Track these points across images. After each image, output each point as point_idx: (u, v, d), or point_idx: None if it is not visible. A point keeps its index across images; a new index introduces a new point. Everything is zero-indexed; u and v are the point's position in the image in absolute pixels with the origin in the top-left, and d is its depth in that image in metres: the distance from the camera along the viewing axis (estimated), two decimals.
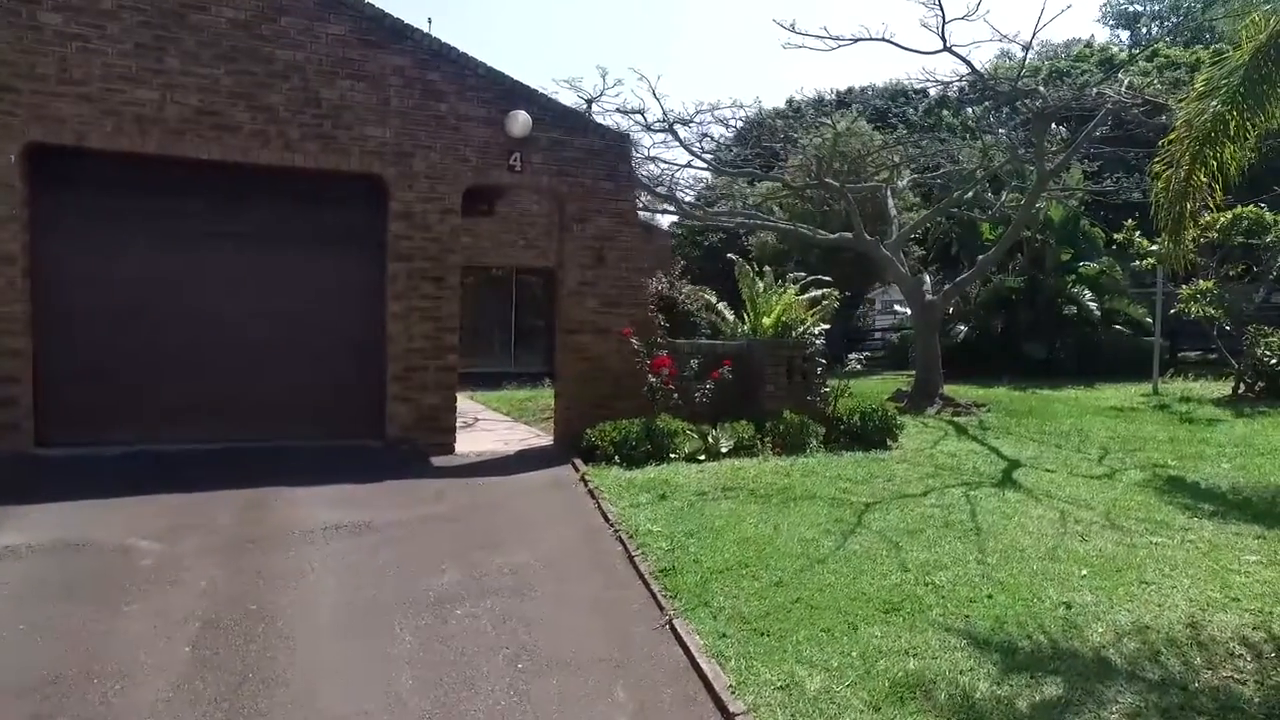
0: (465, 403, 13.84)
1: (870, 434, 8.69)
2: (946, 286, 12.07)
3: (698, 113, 11.00)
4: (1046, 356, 17.54)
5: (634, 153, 13.93)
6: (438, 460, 7.91)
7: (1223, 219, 13.62)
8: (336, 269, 8.16)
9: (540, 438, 9.35)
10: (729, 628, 4.04)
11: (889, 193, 13.44)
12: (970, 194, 13.43)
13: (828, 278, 9.96)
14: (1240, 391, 12.90)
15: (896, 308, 27.58)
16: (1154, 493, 6.95)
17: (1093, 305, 16.69)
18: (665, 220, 20.54)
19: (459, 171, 8.17)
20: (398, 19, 7.91)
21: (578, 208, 8.62)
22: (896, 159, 14.26)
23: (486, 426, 10.54)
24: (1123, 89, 9.95)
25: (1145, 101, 9.53)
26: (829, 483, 7.06)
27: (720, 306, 9.69)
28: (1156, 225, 9.52)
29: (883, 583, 4.68)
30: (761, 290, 9.39)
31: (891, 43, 8.80)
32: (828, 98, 28.68)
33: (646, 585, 4.67)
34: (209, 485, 6.47)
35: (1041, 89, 9.39)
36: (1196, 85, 8.87)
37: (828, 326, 9.68)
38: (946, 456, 8.37)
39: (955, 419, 11.10)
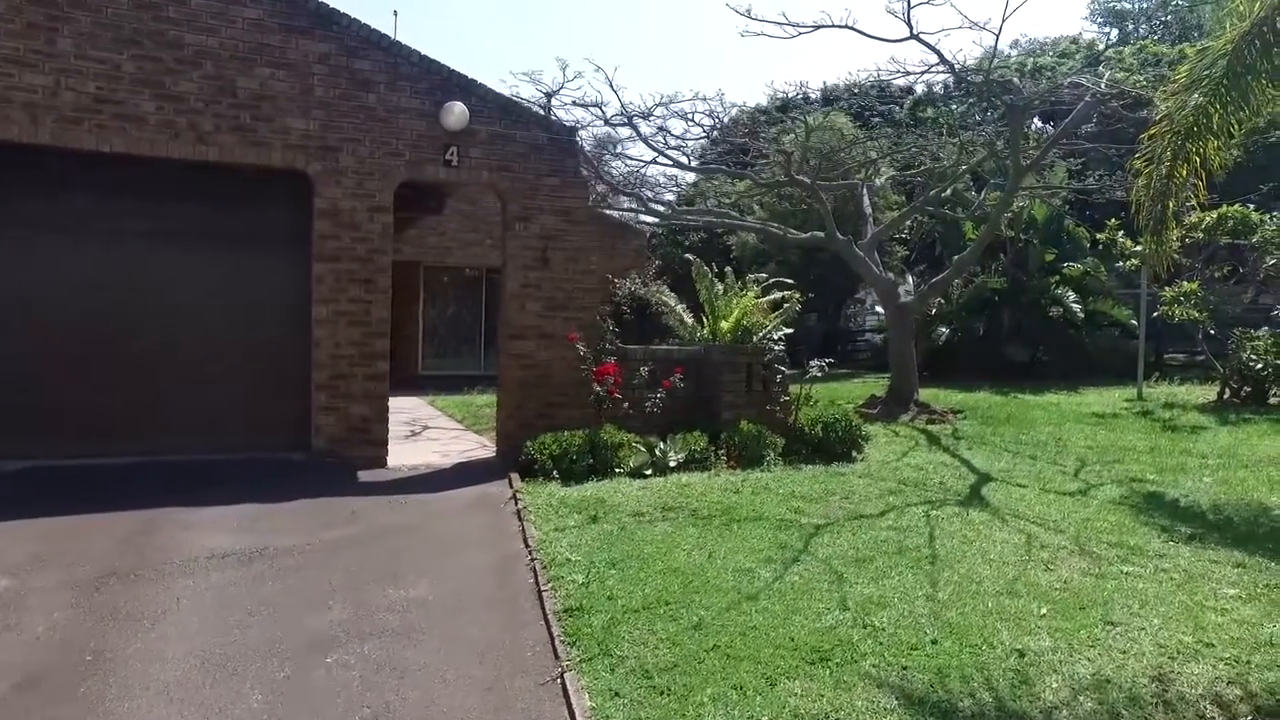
0: (423, 408, 13.31)
1: (833, 445, 8.18)
2: (922, 288, 11.55)
3: (656, 105, 10.39)
4: (1030, 359, 17.08)
5: (608, 149, 13.43)
6: (365, 475, 7.37)
7: (1208, 218, 13.18)
8: (260, 271, 7.62)
9: (486, 449, 8.82)
10: (626, 684, 3.51)
11: (865, 190, 12.94)
12: (949, 191, 12.93)
13: (789, 280, 9.44)
14: (1225, 397, 12.44)
15: (878, 309, 27.13)
16: (1130, 511, 6.45)
17: (1076, 307, 16.21)
18: (649, 219, 19.99)
19: (391, 167, 7.63)
20: (322, 3, 7.38)
21: (520, 205, 8.09)
22: (874, 155, 13.75)
23: (434, 435, 10.00)
24: (1103, 83, 9.48)
25: (1124, 94, 9.05)
26: (780, 501, 6.54)
27: (679, 309, 9.18)
28: (1137, 225, 9.06)
29: (816, 624, 4.16)
30: (721, 292, 8.87)
31: (855, 30, 8.32)
32: (813, 95, 28.20)
33: (548, 627, 4.14)
34: (102, 506, 5.93)
35: (1016, 80, 8.91)
36: (1178, 77, 8.39)
37: (790, 331, 9.16)
38: (913, 470, 7.86)
39: (929, 427, 10.60)
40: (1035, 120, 24.53)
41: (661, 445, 7.63)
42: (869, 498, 6.75)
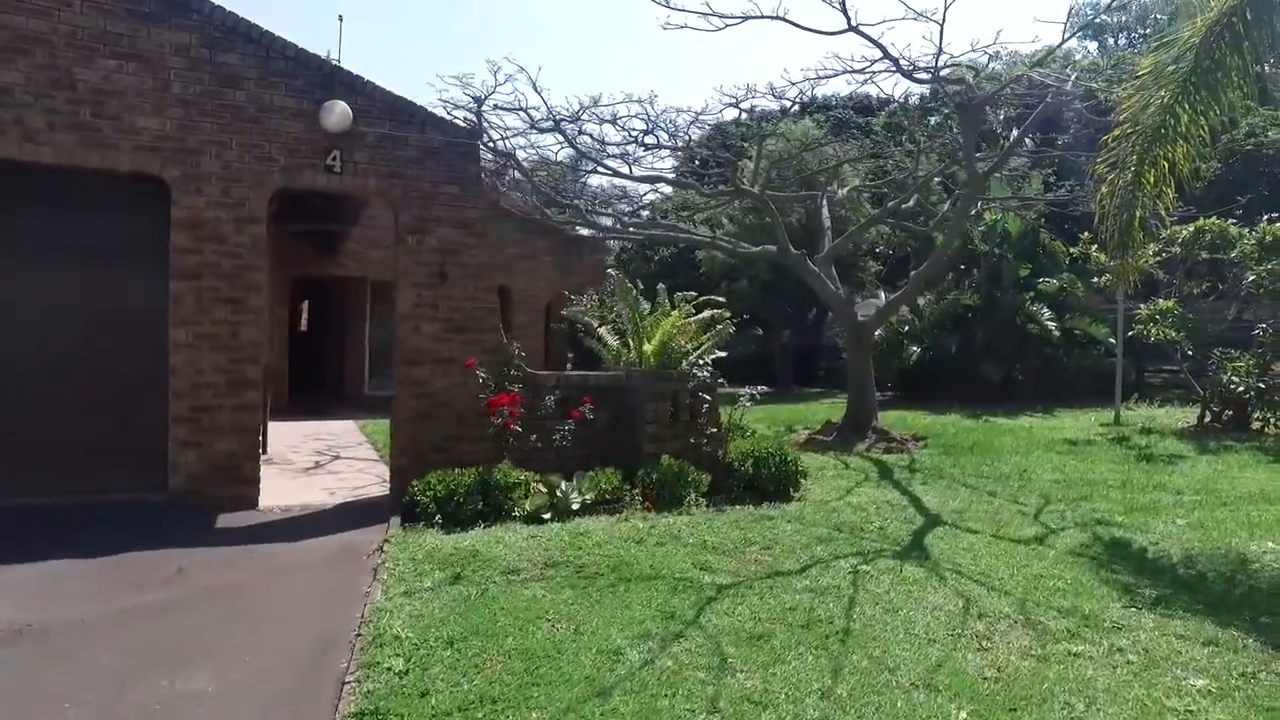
0: (350, 434, 12.40)
1: (765, 484, 7.30)
2: (880, 306, 10.74)
3: (582, 109, 9.59)
4: (1005, 379, 16.28)
5: (546, 159, 12.61)
6: (226, 519, 6.48)
7: (1185, 232, 12.46)
8: (112, 289, 6.73)
9: (383, 485, 7.91)
10: None
11: (824, 202, 12.15)
12: (911, 202, 12.16)
13: (721, 298, 8.61)
14: (1206, 421, 11.65)
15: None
16: (1090, 565, 5.59)
17: (1052, 325, 15.46)
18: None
19: (263, 173, 6.78)
20: None
21: (414, 216, 7.25)
22: (833, 163, 12.98)
23: (339, 468, 9.10)
24: (1069, 85, 8.75)
25: (1091, 94, 8.30)
26: (687, 554, 5.66)
27: (602, 331, 8.34)
28: (1102, 236, 8.28)
29: None
30: (647, 312, 8.02)
31: (787, 21, 7.54)
32: (789, 105, 27.55)
33: None
34: None
35: (969, 78, 8.15)
36: (1142, 71, 7.64)
37: (724, 354, 8.31)
38: (853, 512, 6.98)
39: (885, 457, 9.74)
40: (1015, 133, 24.01)
41: (565, 485, 6.74)
42: (793, 549, 5.87)
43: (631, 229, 11.83)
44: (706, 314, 8.07)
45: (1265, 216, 12.16)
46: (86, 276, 6.61)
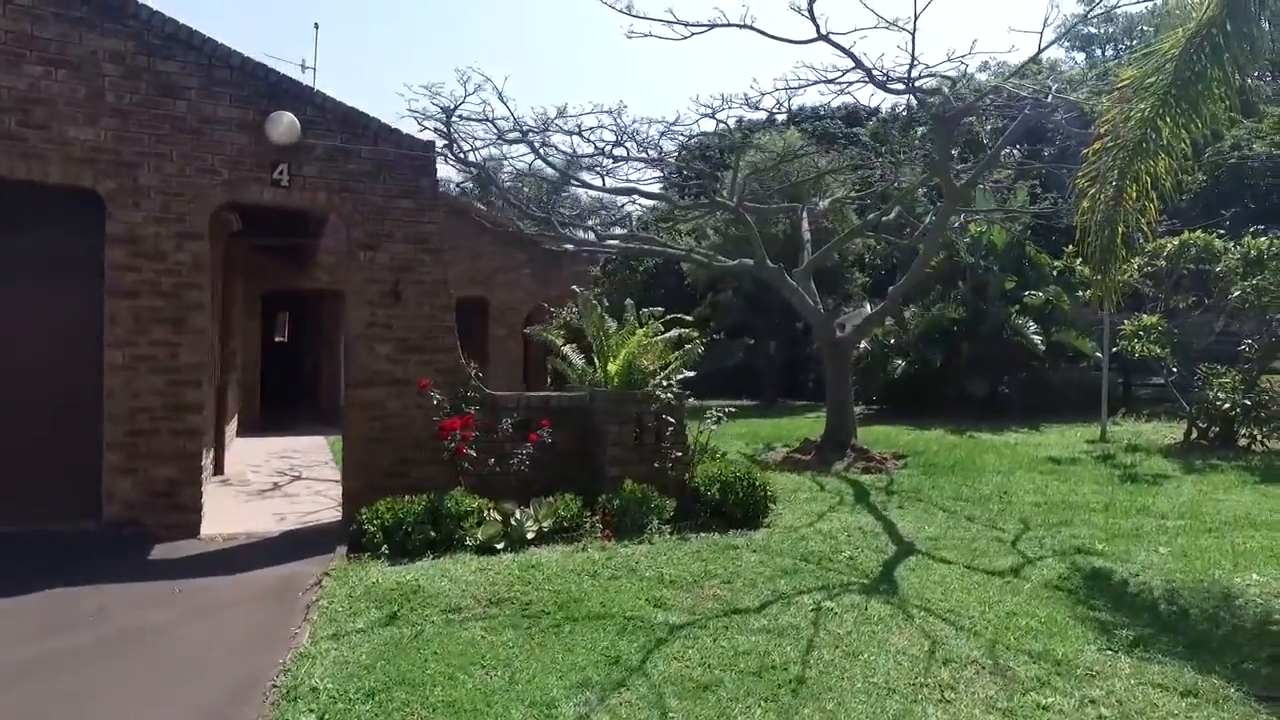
0: (318, 451, 12.08)
1: (733, 510, 7.01)
2: (859, 322, 10.49)
3: (550, 121, 9.32)
4: (990, 393, 16.03)
5: (517, 169, 12.34)
6: (162, 550, 6.15)
7: (1170, 245, 12.25)
8: (44, 308, 6.41)
9: (338, 510, 7.59)
10: None
11: (804, 214, 11.91)
12: (892, 214, 11.91)
13: (688, 316, 8.32)
14: (1193, 438, 11.41)
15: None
16: (1066, 600, 5.30)
17: (1038, 338, 15.21)
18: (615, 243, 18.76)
19: (204, 187, 6.49)
20: None
21: (366, 232, 6.96)
22: (814, 174, 12.74)
23: (296, 490, 8.78)
24: (1049, 96, 8.52)
25: (1071, 104, 8.08)
26: (642, 589, 5.35)
27: (567, 350, 8.05)
28: (1083, 253, 8.05)
29: None
30: (613, 330, 7.73)
31: (754, 29, 7.31)
32: (779, 117, 27.35)
33: None
34: None
35: (945, 89, 7.92)
36: (1121, 82, 7.42)
37: (692, 374, 8.02)
38: (822, 540, 6.69)
39: (863, 477, 9.46)
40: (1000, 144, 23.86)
41: (520, 513, 6.43)
42: (755, 582, 5.56)
43: (606, 241, 11.53)
44: (674, 333, 7.78)
45: (1250, 230, 11.97)
46: (16, 294, 6.29)
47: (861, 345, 17.56)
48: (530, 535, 6.31)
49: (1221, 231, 12.87)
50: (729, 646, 4.45)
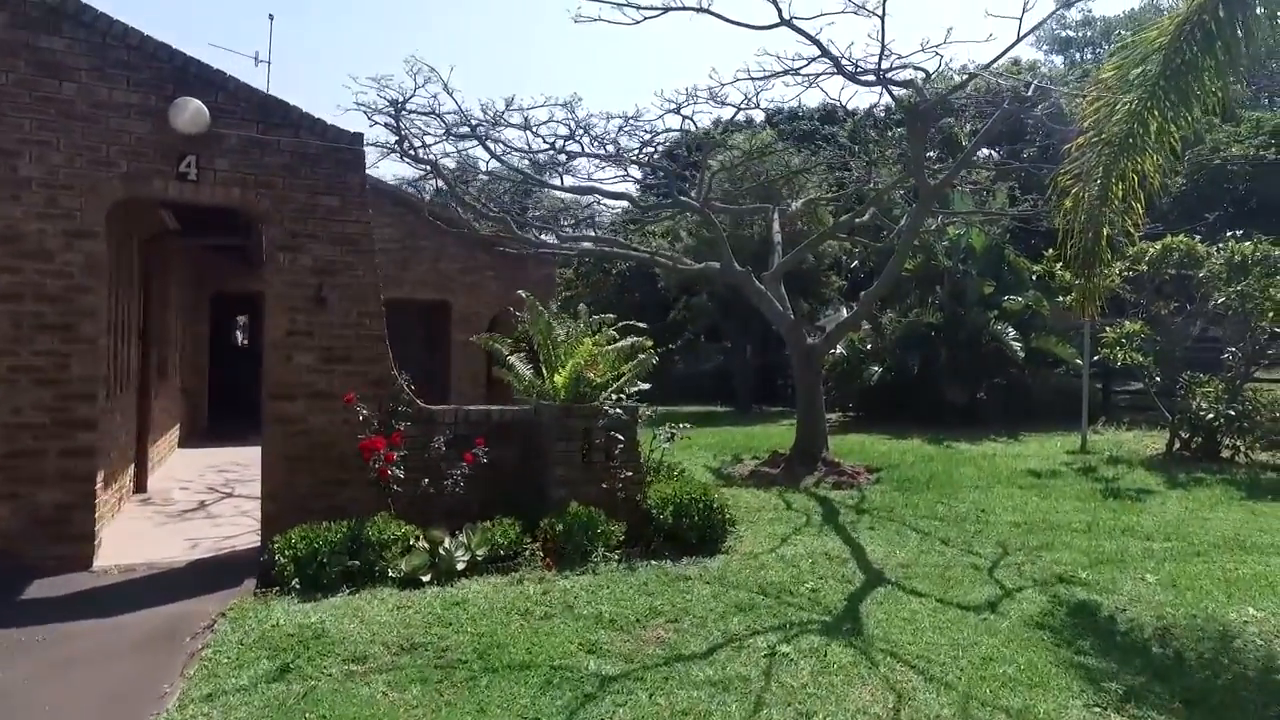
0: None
1: (688, 534, 6.43)
2: (830, 329, 9.98)
3: (499, 114, 8.73)
4: (969, 401, 15.58)
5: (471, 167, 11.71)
6: (42, 585, 5.49)
7: (1152, 250, 11.85)
8: None
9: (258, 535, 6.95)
10: None
11: (775, 216, 11.39)
12: (866, 216, 11.41)
13: (643, 324, 7.75)
14: (1175, 449, 10.99)
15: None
16: (1049, 640, 4.78)
17: (1017, 345, 14.79)
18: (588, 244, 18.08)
19: (99, 180, 5.82)
20: None
21: (287, 231, 6.33)
22: (782, 174, 12.22)
23: (223, 509, 8.12)
24: (1029, 89, 8.06)
25: (1048, 100, 7.60)
26: (578, 630, 4.77)
27: (513, 359, 7.45)
28: (1065, 256, 7.57)
29: None
30: (562, 338, 7.14)
31: (711, 13, 6.76)
32: (754, 115, 26.84)
33: None
34: None
35: (917, 80, 7.40)
36: (1104, 73, 6.95)
37: (647, 386, 7.44)
38: (784, 568, 6.13)
39: (833, 493, 8.92)
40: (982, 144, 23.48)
41: (450, 541, 5.82)
42: (704, 621, 4.99)
43: (569, 244, 10.92)
44: (627, 341, 7.19)
45: (1230, 234, 11.60)
46: None
47: (837, 351, 17.13)
48: (461, 566, 5.71)
49: (1199, 235, 12.50)
50: (667, 705, 3.88)
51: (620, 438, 6.51)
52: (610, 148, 8.92)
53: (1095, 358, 12.27)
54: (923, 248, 16.93)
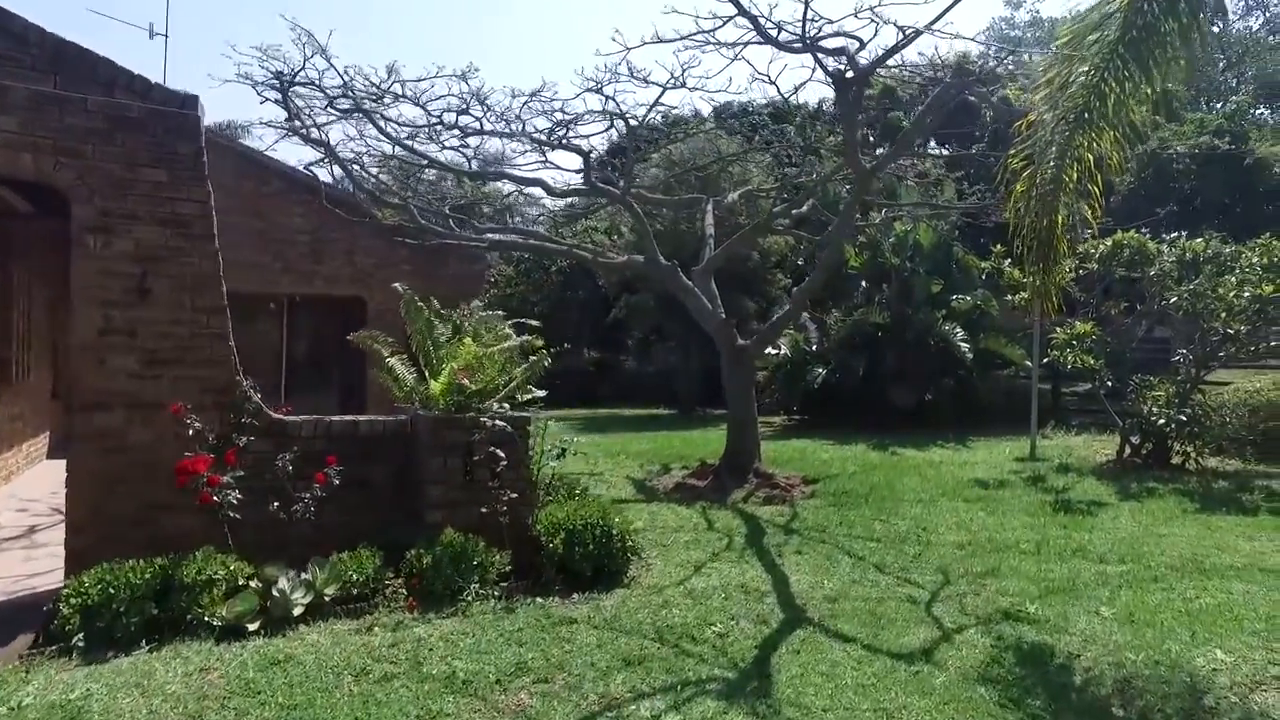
0: None
1: (581, 565, 5.53)
2: (761, 329, 9.18)
3: (389, 81, 7.75)
4: (917, 404, 14.98)
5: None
6: None
7: (1103, 247, 11.31)
8: None
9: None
10: None
11: (709, 206, 10.56)
12: (805, 207, 10.65)
13: (535, 321, 6.83)
14: (1125, 455, 10.45)
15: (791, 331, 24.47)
16: (993, 699, 3.98)
17: (965, 346, 14.22)
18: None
19: None
20: None
21: (97, 209, 5.26)
22: (718, 160, 11.42)
23: (52, 536, 6.93)
24: (989, 53, 7.35)
25: (992, 75, 6.89)
26: (420, 697, 3.84)
27: (393, 362, 6.47)
28: (1018, 249, 6.86)
29: None
30: (446, 339, 6.19)
31: None
32: (704, 109, 26.03)
33: None
34: None
35: (849, 47, 6.60)
36: (1059, 38, 6.24)
37: (543, 394, 6.53)
38: (691, 606, 5.26)
39: (762, 510, 8.11)
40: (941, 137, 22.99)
41: (286, 579, 4.84)
42: (581, 681, 4.10)
43: (471, 235, 9.93)
44: (515, 341, 6.26)
45: (1176, 235, 11.13)
46: None
47: (781, 352, 16.42)
48: (299, 609, 4.73)
49: (1147, 232, 12.03)
50: None
51: (501, 454, 5.57)
52: (515, 125, 8.00)
53: (1045, 360, 11.71)
54: (869, 244, 16.32)
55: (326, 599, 4.90)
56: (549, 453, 6.31)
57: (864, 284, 16.46)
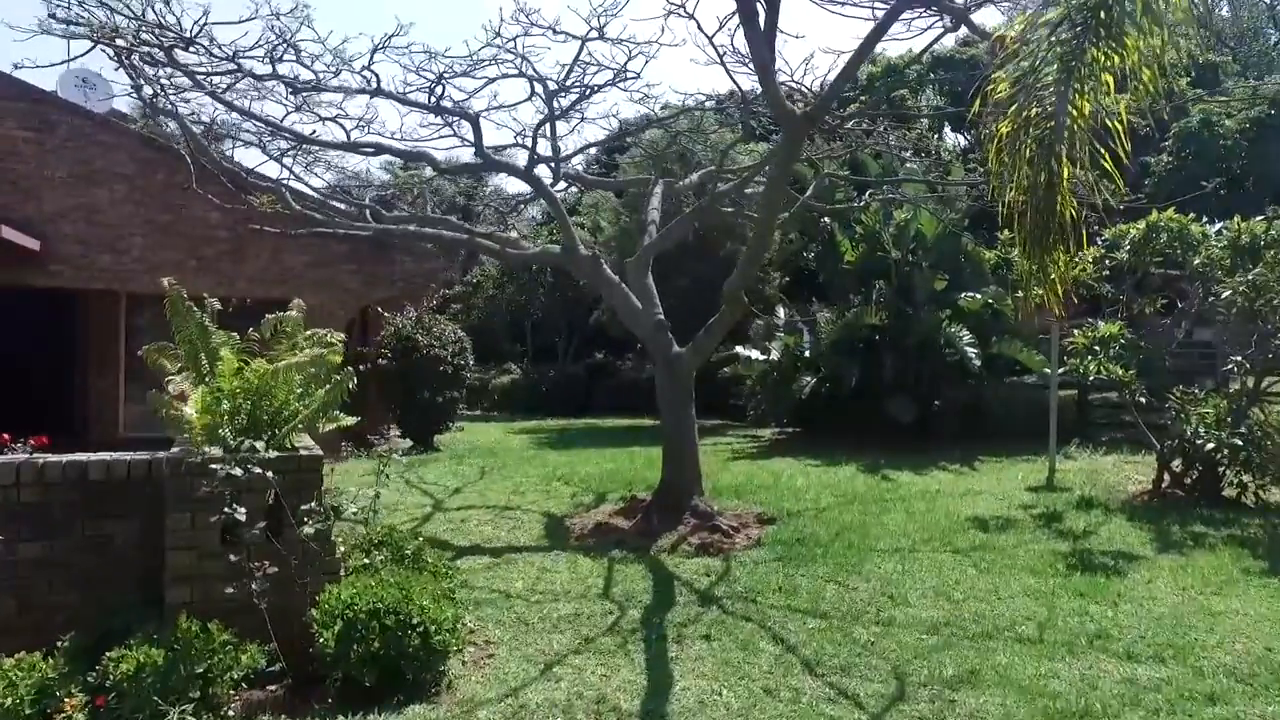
0: None
1: (363, 673, 3.85)
2: (699, 334, 7.43)
3: (198, 30, 6.16)
4: (919, 418, 13.08)
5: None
6: None
7: (1134, 231, 9.36)
8: None
9: None
10: None
11: (656, 189, 8.84)
12: (739, 180, 8.81)
13: (341, 333, 5.15)
14: (1165, 485, 8.53)
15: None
16: None
17: (973, 351, 12.32)
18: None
19: None
20: None
21: None
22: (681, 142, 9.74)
23: None
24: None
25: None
26: None
27: (178, 379, 4.84)
28: (1002, 224, 5.08)
29: None
30: (226, 353, 4.55)
31: None
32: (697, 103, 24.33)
33: None
34: None
35: None
36: None
37: (352, 422, 4.87)
38: None
39: (690, 563, 6.34)
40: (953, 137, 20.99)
41: None
42: None
43: (358, 222, 8.26)
44: (306, 355, 4.61)
45: (1224, 221, 9.21)
46: None
47: (770, 356, 14.62)
48: None
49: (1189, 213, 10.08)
50: None
51: (241, 512, 3.89)
52: (366, 78, 6.36)
53: (1062, 370, 9.83)
54: (866, 235, 14.47)
55: None
56: (346, 510, 4.63)
57: (858, 280, 14.57)
